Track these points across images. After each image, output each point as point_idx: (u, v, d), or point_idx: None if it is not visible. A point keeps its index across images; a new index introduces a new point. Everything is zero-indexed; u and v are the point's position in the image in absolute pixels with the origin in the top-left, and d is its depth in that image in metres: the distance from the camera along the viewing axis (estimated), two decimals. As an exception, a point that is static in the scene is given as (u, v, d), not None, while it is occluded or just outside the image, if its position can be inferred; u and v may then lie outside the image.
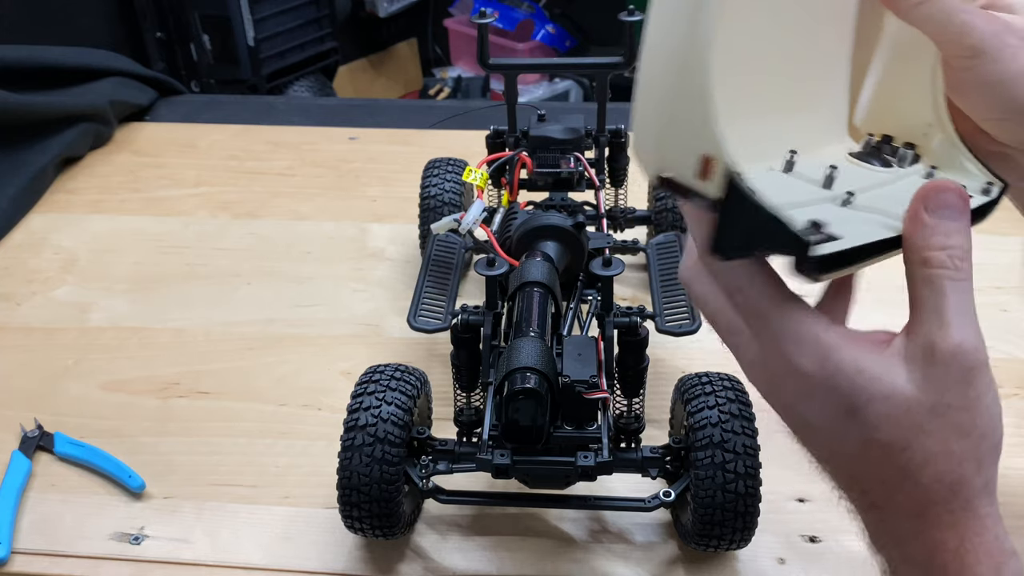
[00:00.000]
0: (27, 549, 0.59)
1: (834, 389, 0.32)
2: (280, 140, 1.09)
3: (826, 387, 0.33)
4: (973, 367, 0.32)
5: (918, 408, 0.32)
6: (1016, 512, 0.61)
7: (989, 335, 0.82)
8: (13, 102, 0.99)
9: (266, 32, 1.92)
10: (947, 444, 0.32)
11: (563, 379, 0.52)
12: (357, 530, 0.56)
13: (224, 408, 0.71)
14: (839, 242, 0.30)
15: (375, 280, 0.85)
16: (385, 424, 0.53)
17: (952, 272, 0.32)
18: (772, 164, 0.36)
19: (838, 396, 0.32)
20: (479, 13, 0.71)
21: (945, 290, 0.32)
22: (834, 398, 0.33)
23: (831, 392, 0.33)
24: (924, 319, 0.32)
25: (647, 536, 0.59)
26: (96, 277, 0.86)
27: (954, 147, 0.38)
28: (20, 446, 0.66)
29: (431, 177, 0.80)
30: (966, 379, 0.32)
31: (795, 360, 0.33)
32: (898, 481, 0.33)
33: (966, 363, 0.32)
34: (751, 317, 0.34)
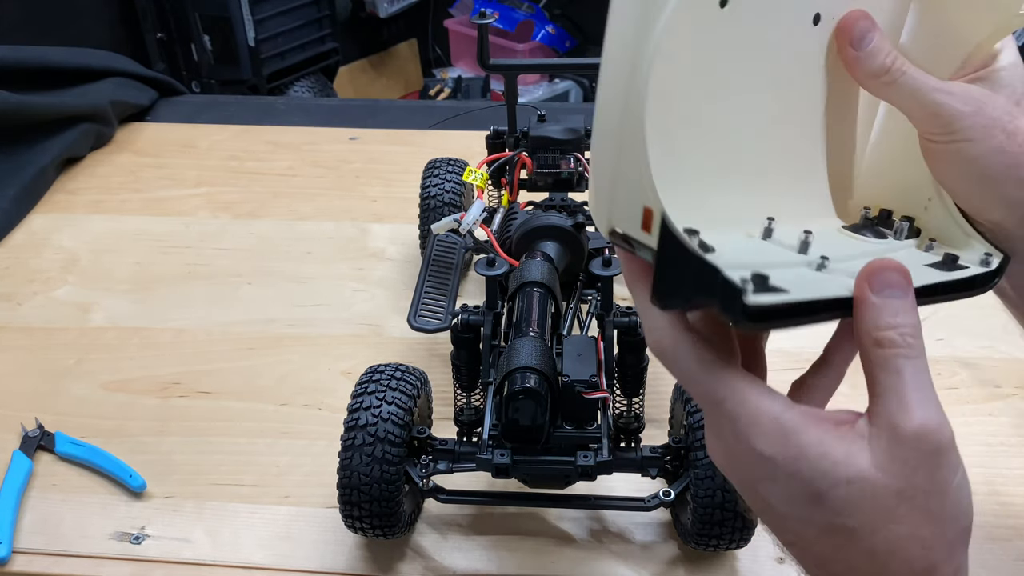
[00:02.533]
0: (28, 549, 0.59)
1: (797, 474, 0.31)
2: (280, 140, 1.10)
3: (789, 471, 0.31)
4: (938, 448, 0.30)
5: (885, 492, 0.30)
6: (1016, 512, 0.61)
7: (989, 335, 0.82)
8: (14, 102, 0.99)
9: (266, 32, 1.93)
10: (916, 529, 0.31)
11: (563, 379, 0.52)
12: (357, 530, 0.56)
13: (224, 408, 0.71)
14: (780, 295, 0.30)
15: (375, 280, 0.85)
16: (385, 424, 0.53)
17: (905, 351, 0.31)
18: (751, 231, 0.35)
19: (801, 481, 0.31)
20: (479, 14, 0.71)
21: (901, 370, 0.31)
22: (797, 483, 0.31)
23: (794, 477, 0.31)
24: (884, 401, 0.31)
25: (647, 536, 0.59)
26: (97, 277, 0.86)
27: (953, 220, 0.38)
28: (21, 446, 0.66)
29: (431, 177, 0.80)
30: (933, 461, 0.30)
31: (754, 442, 0.32)
32: (867, 566, 0.31)
33: (932, 444, 0.30)
34: (707, 400, 0.34)
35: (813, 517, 0.32)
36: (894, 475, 0.30)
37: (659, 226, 0.31)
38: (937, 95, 0.34)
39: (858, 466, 0.31)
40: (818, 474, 0.31)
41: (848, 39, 0.34)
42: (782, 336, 0.33)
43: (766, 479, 0.32)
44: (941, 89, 0.34)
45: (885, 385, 0.31)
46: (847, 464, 0.31)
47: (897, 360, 0.31)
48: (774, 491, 0.32)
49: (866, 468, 0.30)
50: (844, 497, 0.31)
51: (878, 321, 0.31)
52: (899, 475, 0.30)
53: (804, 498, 0.31)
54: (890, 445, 0.30)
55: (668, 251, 0.31)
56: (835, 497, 0.31)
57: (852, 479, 0.30)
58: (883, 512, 0.31)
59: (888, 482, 0.30)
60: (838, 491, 0.31)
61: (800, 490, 0.31)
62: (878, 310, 0.31)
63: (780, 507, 0.32)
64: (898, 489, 0.30)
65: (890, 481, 0.30)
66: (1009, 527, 0.60)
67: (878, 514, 0.31)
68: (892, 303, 0.31)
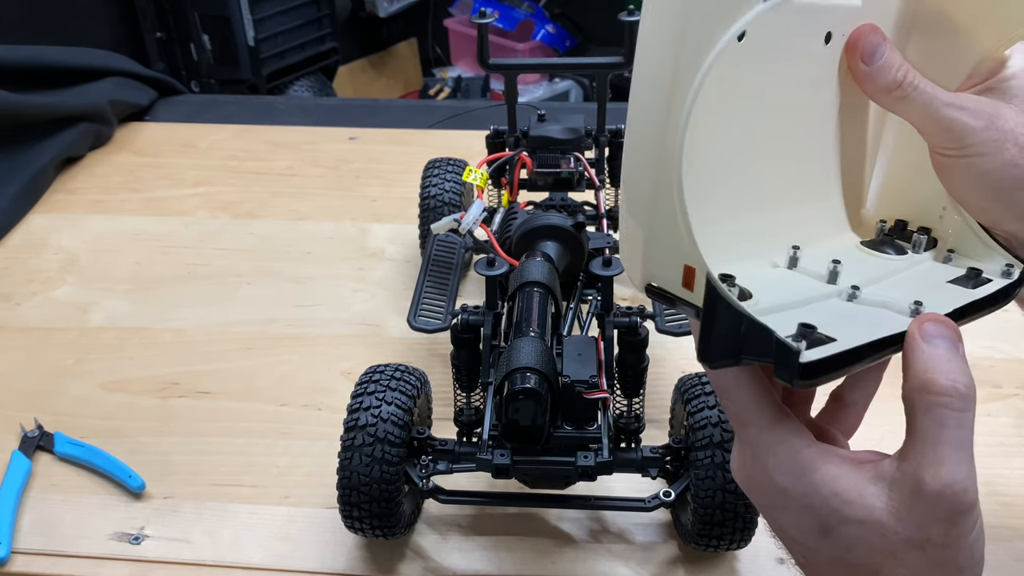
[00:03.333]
0: (27, 549, 0.59)
1: (808, 508, 0.32)
2: (280, 140, 1.09)
3: (800, 504, 0.33)
4: (959, 510, 0.30)
5: (893, 537, 0.31)
6: (1017, 513, 0.61)
7: (989, 335, 0.82)
8: (13, 102, 0.99)
9: (266, 32, 1.92)
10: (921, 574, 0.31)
11: (563, 379, 0.52)
12: (357, 530, 0.56)
13: (224, 408, 0.71)
14: (830, 345, 0.30)
15: (375, 280, 0.85)
16: (385, 424, 0.53)
17: (954, 401, 0.31)
18: (776, 260, 0.35)
19: (811, 515, 0.32)
20: (479, 13, 0.71)
21: (944, 422, 0.31)
22: (807, 516, 0.32)
23: (804, 510, 0.33)
24: (918, 450, 0.31)
25: (647, 536, 0.59)
26: (96, 277, 0.86)
27: (970, 229, 0.38)
28: (20, 446, 0.66)
29: (431, 177, 0.80)
30: (951, 519, 0.31)
31: (771, 473, 0.33)
32: None
33: (953, 505, 0.30)
34: (735, 421, 0.35)
35: (821, 548, 0.33)
36: (907, 524, 0.31)
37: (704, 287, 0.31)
38: (948, 110, 0.34)
39: (870, 509, 0.31)
40: (828, 511, 0.32)
41: (859, 54, 0.34)
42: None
43: (779, 507, 0.34)
44: (952, 104, 0.34)
45: (923, 433, 0.31)
46: (860, 505, 0.31)
47: (942, 410, 0.31)
48: (786, 519, 0.33)
49: (878, 510, 0.31)
50: (851, 535, 0.32)
51: (930, 364, 0.31)
52: (913, 525, 0.31)
53: (814, 530, 0.32)
54: (911, 496, 0.31)
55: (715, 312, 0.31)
56: (843, 533, 0.32)
57: (863, 520, 0.31)
58: (888, 554, 0.31)
59: (899, 530, 0.31)
60: (846, 528, 0.32)
61: (810, 523, 0.32)
62: (929, 356, 0.31)
63: (791, 533, 0.34)
64: (908, 537, 0.31)
65: (901, 530, 0.31)
66: (1009, 527, 0.60)
67: (883, 555, 0.31)
68: (945, 352, 0.31)
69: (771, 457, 0.33)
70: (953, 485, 0.30)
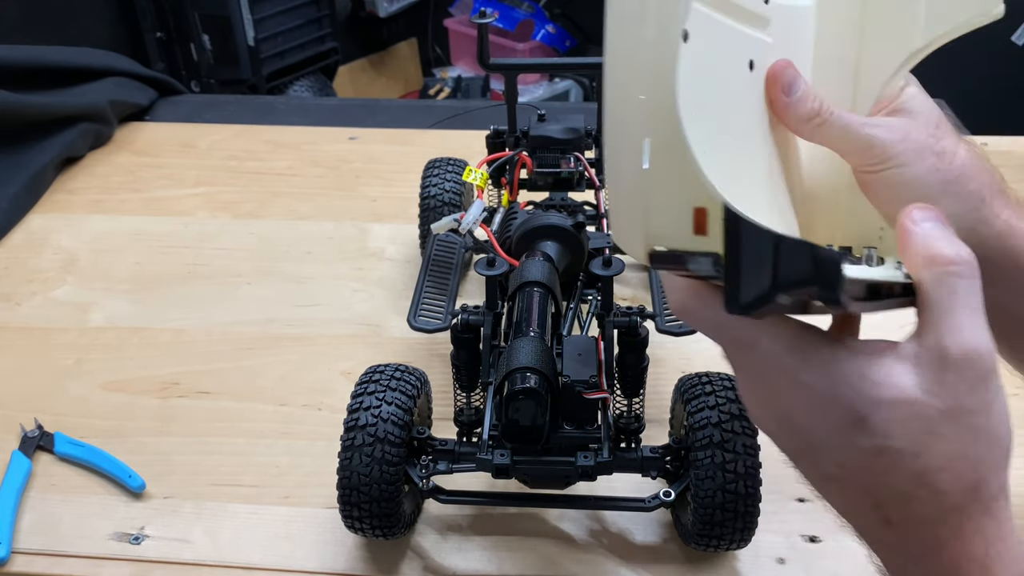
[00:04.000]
0: (27, 549, 0.59)
1: (838, 399, 0.32)
2: (280, 140, 1.09)
3: (829, 396, 0.32)
4: (987, 371, 0.31)
5: (930, 412, 0.31)
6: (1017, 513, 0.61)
7: (989, 335, 0.81)
8: (13, 102, 0.99)
9: (266, 32, 1.92)
10: (964, 448, 0.31)
11: (563, 379, 0.52)
12: (357, 530, 0.56)
13: (224, 408, 0.71)
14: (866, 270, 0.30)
15: (375, 280, 0.85)
16: (385, 424, 0.53)
17: (961, 267, 0.32)
18: None
19: (842, 407, 0.32)
20: (479, 13, 0.71)
21: (956, 288, 0.31)
22: (838, 410, 0.32)
23: (835, 403, 0.32)
24: (935, 321, 0.31)
25: (647, 536, 0.59)
26: (96, 277, 0.86)
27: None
28: (20, 446, 0.66)
29: (431, 177, 0.80)
30: (981, 383, 0.31)
31: (796, 374, 0.32)
32: (914, 489, 0.31)
33: (981, 368, 0.31)
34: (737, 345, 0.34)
35: (857, 442, 0.31)
36: (941, 396, 0.31)
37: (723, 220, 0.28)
38: (867, 128, 0.36)
39: (901, 387, 0.31)
40: (860, 397, 0.31)
41: (779, 86, 0.35)
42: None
43: (805, 410, 0.32)
44: (868, 123, 0.37)
45: (938, 305, 0.31)
46: (889, 385, 0.31)
47: (953, 279, 0.31)
48: (814, 421, 0.32)
49: (910, 389, 0.31)
50: (888, 418, 0.31)
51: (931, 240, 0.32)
52: (947, 396, 0.31)
53: (847, 423, 0.31)
54: (939, 367, 0.31)
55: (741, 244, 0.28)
56: (878, 419, 0.31)
57: (896, 400, 0.31)
58: (928, 432, 0.31)
59: (934, 403, 0.31)
60: (881, 412, 0.31)
61: (843, 416, 0.32)
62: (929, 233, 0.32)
63: (822, 438, 0.32)
64: (944, 409, 0.31)
65: (936, 402, 0.31)
66: (1010, 527, 0.60)
67: (924, 433, 0.31)
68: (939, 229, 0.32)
69: (789, 358, 0.32)
70: (978, 348, 0.31)
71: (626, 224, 0.32)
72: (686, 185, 0.29)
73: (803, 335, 0.33)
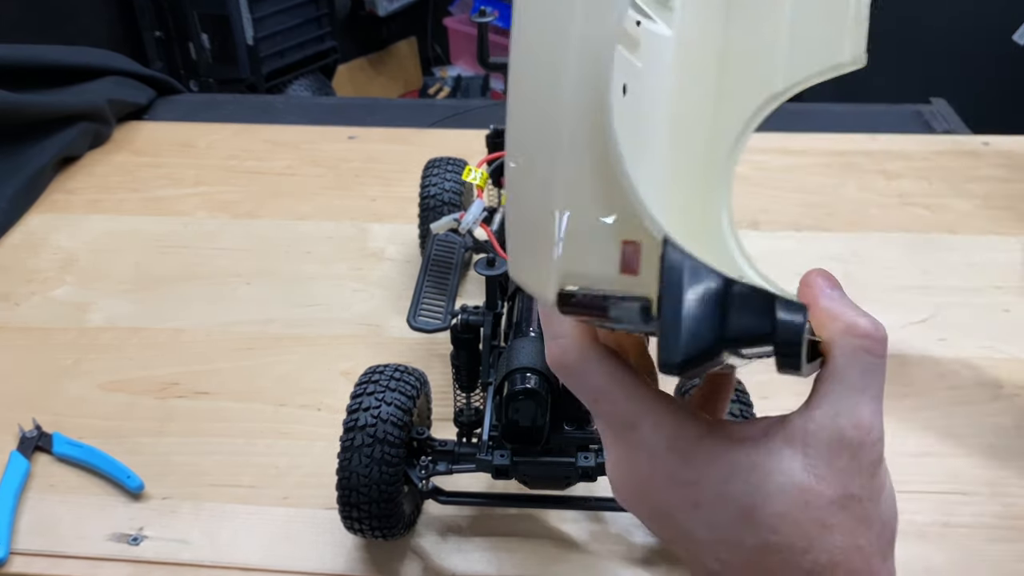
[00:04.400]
0: (26, 550, 0.59)
1: (725, 495, 0.29)
2: (279, 140, 1.09)
3: (716, 493, 0.29)
4: (880, 456, 0.29)
5: (820, 501, 0.28)
6: (1018, 513, 0.61)
7: (989, 335, 0.82)
8: (12, 101, 0.99)
9: (265, 31, 1.92)
10: (855, 539, 0.28)
11: (563, 379, 0.51)
12: (357, 531, 0.55)
13: (223, 408, 0.70)
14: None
15: (375, 280, 0.84)
16: (384, 425, 0.53)
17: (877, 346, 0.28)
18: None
19: (730, 501, 0.28)
20: (479, 12, 0.71)
21: (868, 368, 0.28)
22: (725, 504, 0.29)
23: (721, 499, 0.29)
24: (836, 396, 0.28)
25: (647, 536, 0.59)
26: (95, 277, 0.86)
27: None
28: (18, 446, 0.66)
29: (431, 177, 0.80)
30: (871, 470, 0.28)
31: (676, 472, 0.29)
32: None
33: (875, 452, 0.28)
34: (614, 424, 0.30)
35: (743, 539, 0.29)
36: (831, 482, 0.28)
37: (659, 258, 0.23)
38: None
39: (789, 473, 0.28)
40: (749, 488, 0.28)
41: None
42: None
43: (688, 506, 0.29)
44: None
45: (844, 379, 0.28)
46: (779, 472, 0.28)
47: (865, 355, 0.28)
48: (697, 518, 0.29)
49: (798, 473, 0.28)
50: (775, 512, 0.28)
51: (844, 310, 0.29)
52: (837, 483, 0.28)
53: (733, 519, 0.29)
54: (829, 449, 0.28)
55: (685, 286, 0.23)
56: (766, 513, 0.28)
57: (784, 488, 0.28)
58: (817, 523, 0.28)
59: (824, 490, 0.28)
60: (768, 506, 0.28)
61: (729, 511, 0.29)
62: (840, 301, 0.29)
63: (704, 535, 0.29)
64: (834, 497, 0.28)
65: (826, 489, 0.28)
66: (1010, 527, 0.60)
67: (812, 526, 0.28)
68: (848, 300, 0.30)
69: (672, 452, 0.29)
70: (872, 432, 0.28)
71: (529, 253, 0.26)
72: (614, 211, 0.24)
73: (684, 425, 0.29)
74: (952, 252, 0.86)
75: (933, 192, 0.95)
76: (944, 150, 1.03)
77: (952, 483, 0.63)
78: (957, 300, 0.80)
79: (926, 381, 0.71)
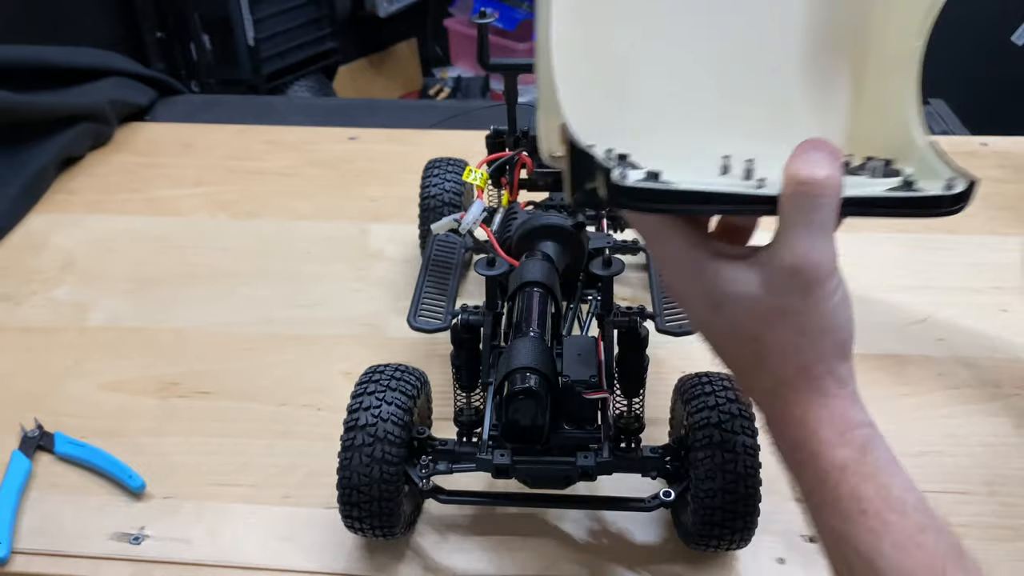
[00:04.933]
0: (27, 549, 0.59)
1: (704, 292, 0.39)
2: (280, 140, 1.09)
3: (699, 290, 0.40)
4: (811, 280, 0.37)
5: (763, 308, 0.38)
6: (1017, 513, 0.61)
7: (988, 335, 0.82)
8: (13, 102, 0.99)
9: (266, 32, 1.92)
10: (790, 337, 0.38)
11: (563, 379, 0.52)
12: (357, 530, 0.56)
13: (224, 408, 0.71)
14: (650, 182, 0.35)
15: (375, 280, 0.85)
16: (385, 424, 0.53)
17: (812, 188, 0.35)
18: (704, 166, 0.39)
19: (706, 296, 0.40)
20: (479, 13, 0.71)
21: (800, 206, 0.36)
22: (704, 298, 0.40)
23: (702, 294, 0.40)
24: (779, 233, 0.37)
25: (647, 536, 0.59)
26: (96, 277, 0.86)
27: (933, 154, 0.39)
28: (20, 446, 0.66)
29: (431, 177, 0.80)
30: (805, 290, 0.37)
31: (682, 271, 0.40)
32: (757, 365, 0.40)
33: (805, 277, 0.37)
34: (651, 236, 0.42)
35: (716, 322, 0.40)
36: (772, 296, 0.38)
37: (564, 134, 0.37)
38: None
39: (747, 285, 0.38)
40: (717, 291, 0.39)
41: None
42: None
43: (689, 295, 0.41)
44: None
45: (783, 218, 0.36)
46: (739, 282, 0.38)
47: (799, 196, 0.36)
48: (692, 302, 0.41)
49: (752, 287, 0.38)
50: (735, 309, 0.39)
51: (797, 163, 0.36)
52: (776, 297, 0.38)
53: (709, 308, 0.40)
54: (771, 273, 0.38)
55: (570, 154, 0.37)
56: (727, 309, 0.39)
57: (741, 295, 0.38)
58: (762, 323, 0.38)
59: (767, 300, 0.38)
60: (729, 304, 0.39)
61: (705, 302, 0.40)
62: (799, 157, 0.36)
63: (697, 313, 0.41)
64: (774, 307, 0.38)
65: (769, 300, 0.38)
66: (1009, 527, 0.60)
67: (759, 323, 0.39)
68: (815, 154, 0.36)
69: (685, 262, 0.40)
70: (804, 259, 0.36)
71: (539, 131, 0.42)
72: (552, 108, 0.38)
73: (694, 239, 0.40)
74: (951, 252, 0.86)
75: (932, 193, 0.95)
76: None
77: (951, 483, 0.63)
78: (957, 300, 0.80)
79: (926, 381, 0.71)
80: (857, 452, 0.37)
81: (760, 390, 0.41)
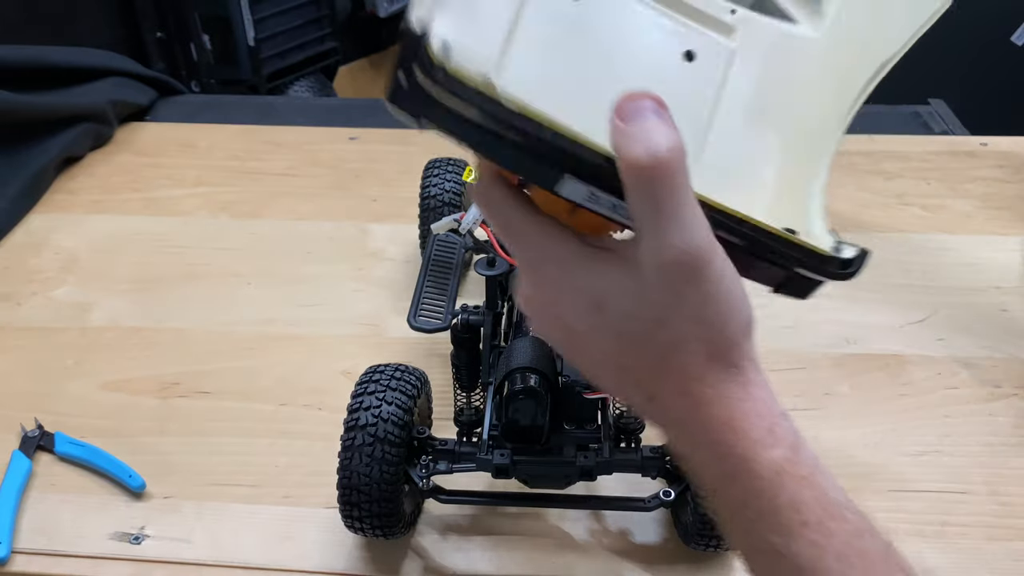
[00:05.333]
0: (27, 549, 0.59)
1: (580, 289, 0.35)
2: (280, 140, 1.09)
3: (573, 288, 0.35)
4: (696, 268, 0.32)
5: (653, 304, 0.33)
6: (1017, 513, 0.61)
7: (988, 335, 0.82)
8: (13, 102, 0.99)
9: (266, 32, 1.92)
10: (691, 329, 0.33)
11: (563, 379, 0.52)
12: (357, 530, 0.56)
13: (224, 408, 0.71)
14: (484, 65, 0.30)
15: (375, 280, 0.85)
16: (385, 424, 0.53)
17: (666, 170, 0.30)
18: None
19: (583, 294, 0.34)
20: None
21: (660, 196, 0.31)
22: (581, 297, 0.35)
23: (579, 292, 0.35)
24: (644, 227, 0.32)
25: (647, 536, 0.59)
26: (96, 277, 0.86)
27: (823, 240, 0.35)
28: (20, 446, 0.66)
29: (431, 177, 0.80)
30: (694, 279, 0.32)
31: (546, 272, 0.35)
32: (658, 367, 0.34)
33: (692, 266, 0.32)
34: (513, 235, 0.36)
35: (601, 326, 0.35)
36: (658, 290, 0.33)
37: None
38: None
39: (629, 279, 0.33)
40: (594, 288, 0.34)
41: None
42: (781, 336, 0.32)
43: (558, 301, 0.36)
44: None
45: (636, 212, 0.31)
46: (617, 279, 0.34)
47: (651, 185, 0.30)
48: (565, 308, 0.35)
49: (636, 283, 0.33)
50: (620, 306, 0.34)
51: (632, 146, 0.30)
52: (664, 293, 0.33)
53: (591, 308, 0.34)
54: (650, 271, 0.32)
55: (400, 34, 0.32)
56: (613, 307, 0.34)
57: (625, 291, 0.33)
58: (655, 320, 0.33)
59: (654, 296, 0.33)
60: (612, 301, 0.34)
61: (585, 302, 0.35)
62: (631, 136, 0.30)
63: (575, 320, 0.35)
64: (666, 302, 0.33)
65: (657, 296, 0.33)
66: (1009, 527, 0.60)
67: (652, 321, 0.33)
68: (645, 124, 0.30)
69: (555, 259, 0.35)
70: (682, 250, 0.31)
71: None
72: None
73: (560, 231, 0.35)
74: (951, 252, 0.86)
75: (932, 192, 0.96)
76: (942, 151, 1.03)
77: (950, 482, 0.63)
78: (956, 300, 0.80)
79: (925, 381, 0.71)
80: (789, 450, 0.33)
81: (666, 396, 0.35)
